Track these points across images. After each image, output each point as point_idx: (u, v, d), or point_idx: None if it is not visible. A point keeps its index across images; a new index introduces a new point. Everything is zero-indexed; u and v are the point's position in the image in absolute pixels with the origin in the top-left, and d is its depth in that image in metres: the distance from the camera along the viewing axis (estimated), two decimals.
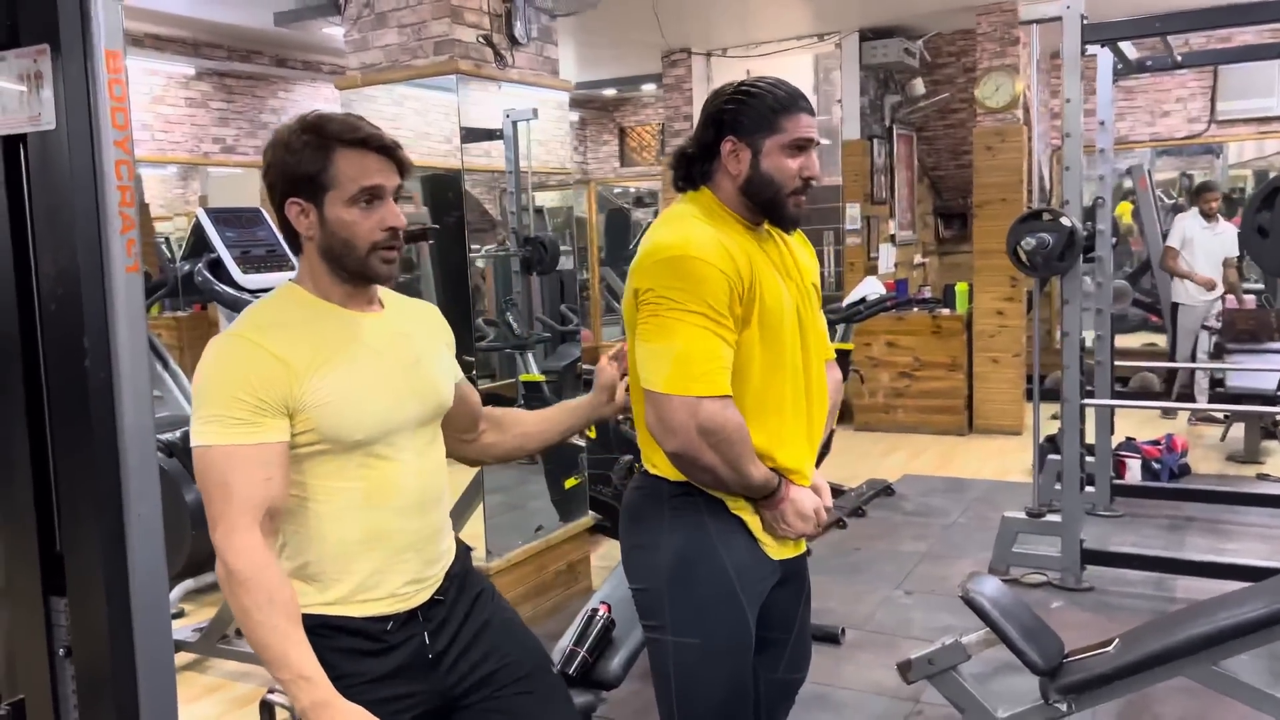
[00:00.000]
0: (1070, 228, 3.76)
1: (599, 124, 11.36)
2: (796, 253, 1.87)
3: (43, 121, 1.54)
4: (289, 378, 1.44)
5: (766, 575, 1.78)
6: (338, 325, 1.52)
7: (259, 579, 1.40)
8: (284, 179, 1.51)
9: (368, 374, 1.51)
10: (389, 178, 1.50)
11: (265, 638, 1.40)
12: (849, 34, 7.63)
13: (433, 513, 1.61)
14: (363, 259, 1.50)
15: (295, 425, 1.45)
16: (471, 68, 3.50)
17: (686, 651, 1.73)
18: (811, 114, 1.76)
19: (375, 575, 1.52)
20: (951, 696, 2.54)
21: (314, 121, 1.50)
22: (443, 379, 1.65)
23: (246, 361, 1.44)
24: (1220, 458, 6.20)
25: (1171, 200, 9.44)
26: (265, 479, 1.42)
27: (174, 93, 7.25)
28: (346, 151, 1.48)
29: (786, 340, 1.74)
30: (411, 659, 1.55)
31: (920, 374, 7.29)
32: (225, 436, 1.42)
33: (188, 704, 3.30)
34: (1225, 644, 2.25)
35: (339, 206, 1.48)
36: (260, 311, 1.54)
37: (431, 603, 1.59)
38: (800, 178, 1.73)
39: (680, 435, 1.63)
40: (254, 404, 1.42)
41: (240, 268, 5.45)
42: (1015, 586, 3.99)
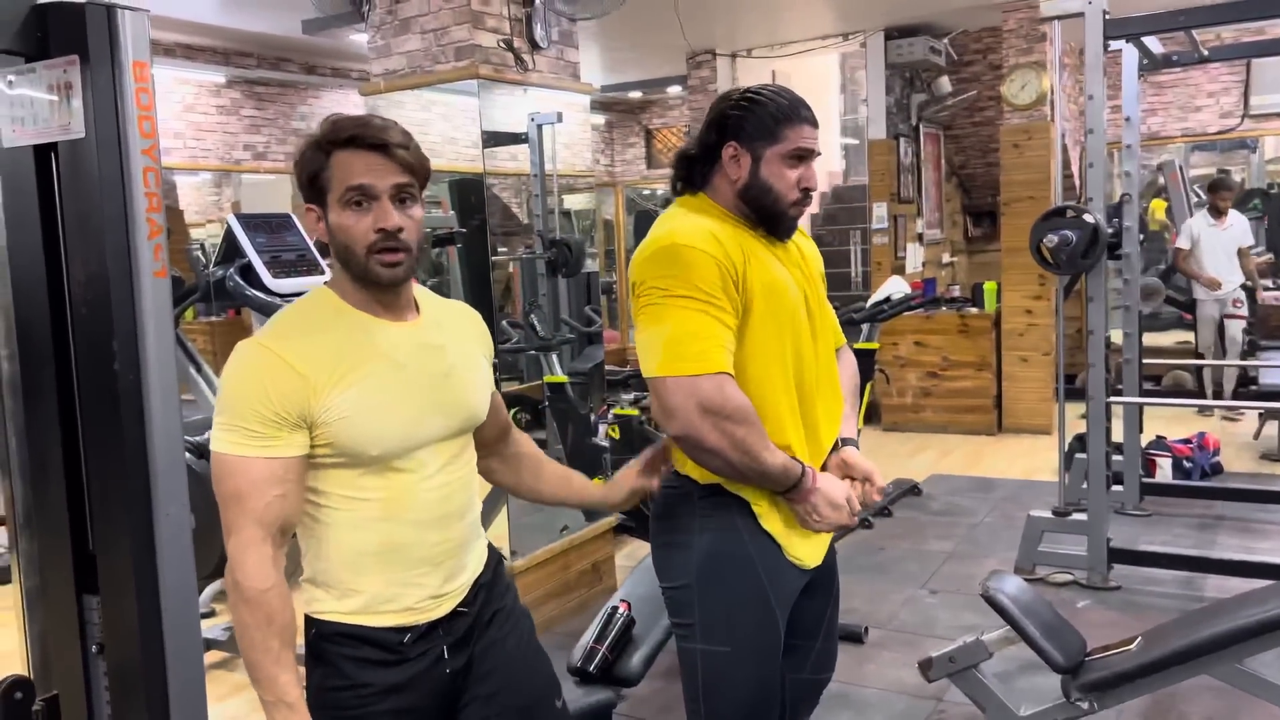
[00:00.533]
0: (1094, 225, 3.73)
1: (625, 126, 11.39)
2: (800, 245, 1.88)
3: (72, 130, 1.58)
4: (307, 392, 1.41)
5: (797, 578, 1.78)
6: (362, 335, 1.49)
7: (263, 599, 1.40)
8: (299, 185, 1.51)
9: (389, 388, 1.47)
10: (381, 177, 1.43)
11: (257, 657, 1.40)
12: (874, 33, 7.61)
13: (456, 525, 1.56)
14: (362, 263, 1.46)
15: (314, 438, 1.43)
16: (492, 72, 3.54)
17: (715, 651, 1.73)
18: (814, 125, 1.76)
19: (392, 587, 1.50)
20: (973, 695, 2.54)
21: (321, 124, 1.49)
22: (476, 393, 1.60)
23: (266, 373, 1.41)
24: (1253, 456, 6.11)
25: (1207, 196, 9.33)
26: (279, 495, 1.41)
27: (205, 101, 7.36)
28: (340, 152, 1.44)
29: (793, 328, 1.74)
30: (427, 671, 1.52)
31: (948, 373, 7.25)
32: (241, 447, 1.41)
33: (217, 702, 3.35)
34: (1249, 642, 2.24)
35: (335, 209, 1.46)
36: (287, 318, 1.52)
37: (454, 615, 1.56)
38: (799, 189, 1.74)
39: (680, 416, 1.62)
40: (271, 417, 1.40)
41: (271, 272, 5.52)
42: (1041, 585, 3.97)
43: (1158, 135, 8.91)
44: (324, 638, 1.49)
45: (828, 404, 1.83)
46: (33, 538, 1.76)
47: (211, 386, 6.07)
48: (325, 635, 1.49)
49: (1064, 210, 3.88)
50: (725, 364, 1.64)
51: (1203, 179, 9.42)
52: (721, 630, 1.72)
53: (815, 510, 1.71)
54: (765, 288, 1.70)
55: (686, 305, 1.63)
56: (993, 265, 8.22)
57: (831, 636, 1.94)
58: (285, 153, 7.95)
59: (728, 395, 1.62)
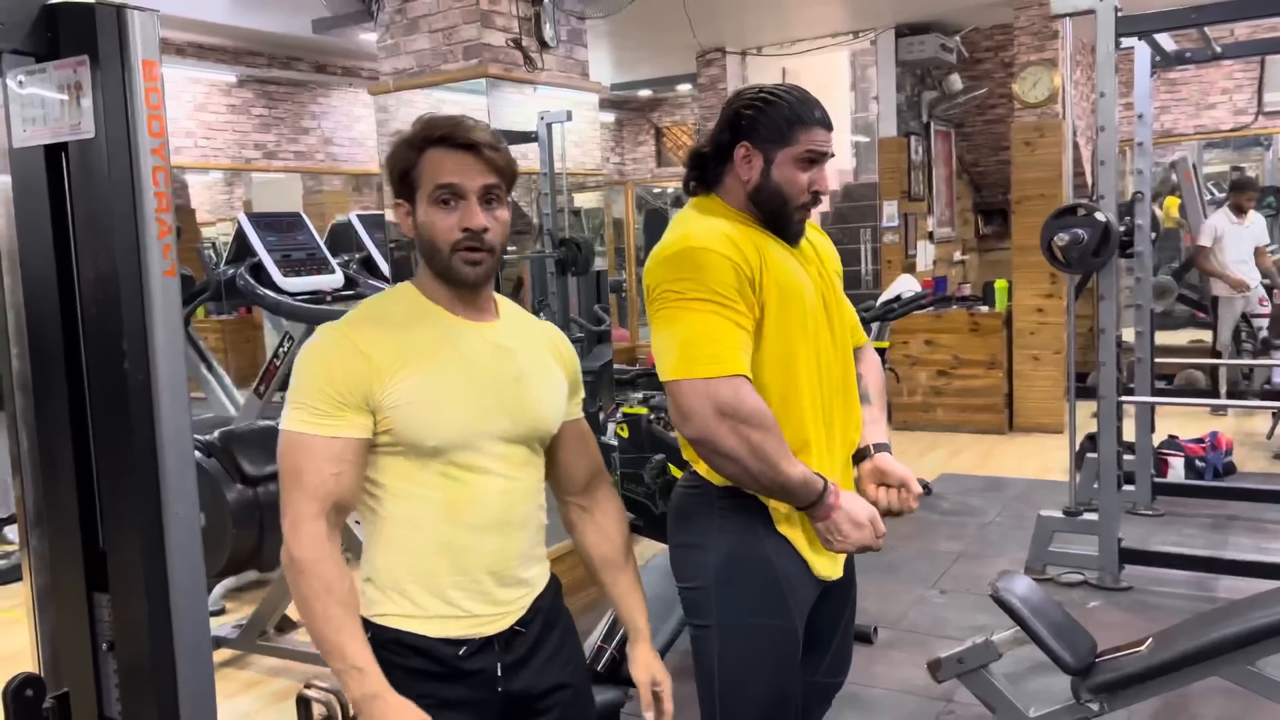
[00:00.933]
0: (1105, 222, 3.72)
1: (635, 125, 11.39)
2: (816, 242, 1.86)
3: (82, 130, 1.59)
4: (370, 375, 1.42)
5: (815, 583, 1.76)
6: (435, 329, 1.50)
7: (317, 569, 1.39)
8: (390, 181, 1.53)
9: (454, 381, 1.47)
10: (472, 177, 1.45)
11: (321, 627, 1.39)
12: (885, 30, 7.59)
13: (517, 535, 1.53)
14: (445, 260, 1.47)
15: (376, 424, 1.44)
16: (501, 71, 3.54)
17: (731, 653, 1.71)
18: (828, 128, 1.74)
19: (446, 590, 1.48)
20: (982, 695, 2.53)
21: (415, 122, 1.51)
22: (545, 403, 1.57)
23: (334, 355, 1.44)
24: (1267, 456, 6.08)
25: (1222, 194, 9.28)
26: (335, 473, 1.41)
27: (216, 100, 7.39)
28: (431, 150, 1.46)
29: (812, 328, 1.72)
30: (480, 689, 1.50)
31: (959, 372, 7.23)
32: (304, 425, 1.42)
33: (227, 699, 3.37)
34: (1261, 643, 2.22)
35: (423, 206, 1.47)
36: (365, 306, 1.55)
37: (511, 633, 1.52)
38: (809, 191, 1.73)
39: (696, 419, 1.60)
40: (335, 397, 1.41)
41: (281, 271, 5.56)
42: (1051, 586, 3.96)
43: (1171, 133, 8.86)
44: (378, 644, 1.46)
45: (848, 405, 1.80)
46: (43, 536, 1.77)
47: (222, 385, 6.11)
48: (380, 642, 1.46)
49: (1075, 208, 3.86)
50: (742, 366, 1.62)
51: (1216, 177, 9.37)
52: (738, 634, 1.71)
53: (837, 529, 1.65)
54: (782, 289, 1.68)
55: (702, 308, 1.61)
56: (1004, 263, 8.20)
57: (847, 641, 1.93)
58: (296, 151, 7.98)
59: (743, 398, 1.60)
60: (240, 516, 3.81)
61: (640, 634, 1.67)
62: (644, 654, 1.66)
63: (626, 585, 1.69)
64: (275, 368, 5.78)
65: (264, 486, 3.86)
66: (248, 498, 3.84)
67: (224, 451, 3.68)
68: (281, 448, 1.45)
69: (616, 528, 1.70)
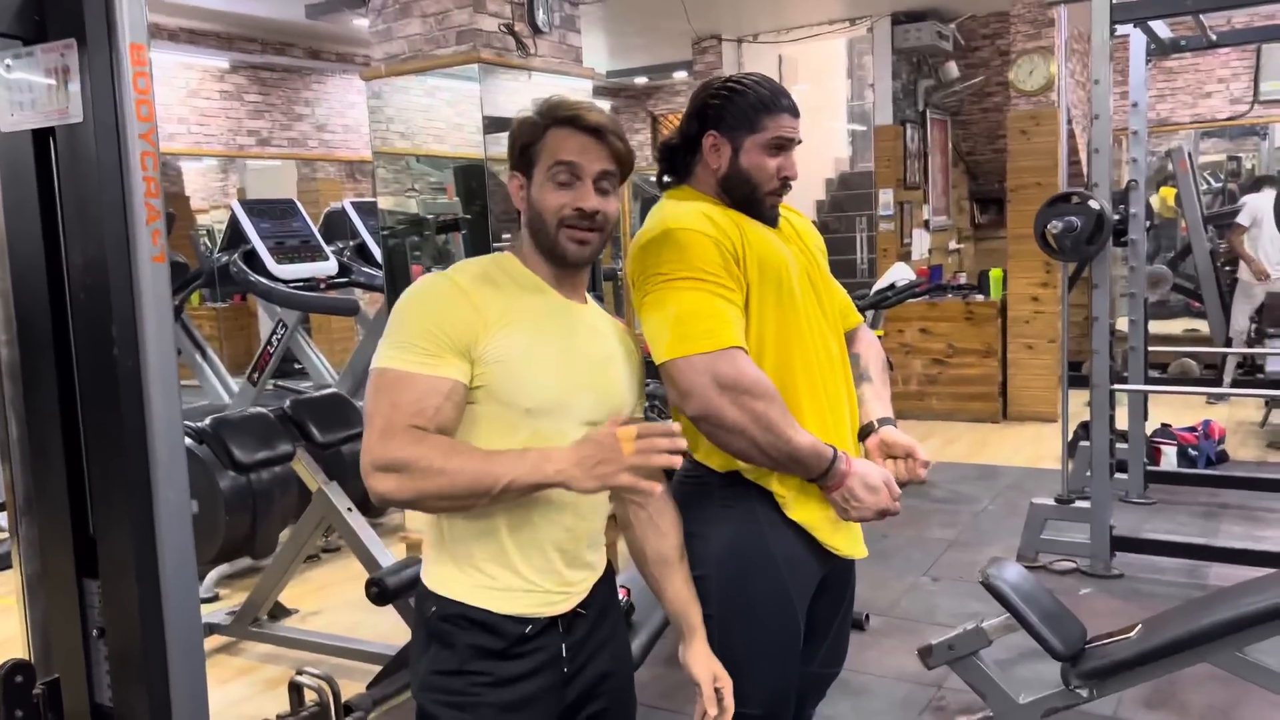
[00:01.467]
0: (1098, 211, 3.72)
1: (631, 112, 11.36)
2: (795, 223, 1.86)
3: (70, 115, 1.58)
4: (478, 325, 1.42)
5: (817, 571, 1.76)
6: (538, 298, 1.51)
7: (422, 457, 1.34)
8: (510, 153, 1.53)
9: (550, 348, 1.48)
10: (591, 160, 1.47)
11: (462, 484, 1.34)
12: (881, 18, 7.57)
13: (588, 518, 1.54)
14: (552, 236, 1.48)
15: (473, 378, 1.43)
16: (494, 56, 3.52)
17: (732, 642, 1.71)
18: (795, 114, 1.74)
19: (516, 564, 1.47)
20: (972, 682, 2.54)
21: (545, 101, 1.51)
22: (628, 390, 1.59)
23: (445, 299, 1.43)
24: (1260, 444, 6.10)
25: (1219, 183, 9.27)
26: (435, 407, 1.38)
27: (209, 86, 7.36)
28: (557, 129, 1.48)
29: (801, 303, 1.72)
30: (542, 669, 1.49)
31: (954, 361, 7.24)
32: (406, 363, 1.40)
33: (220, 685, 3.38)
34: (1250, 630, 2.23)
35: (539, 181, 1.49)
36: (471, 263, 1.55)
37: (574, 615, 1.53)
38: (778, 178, 1.73)
39: (697, 395, 1.58)
40: (442, 340, 1.40)
41: (275, 258, 5.55)
42: (1043, 573, 3.98)
43: (1167, 122, 8.86)
44: (444, 619, 1.46)
45: (842, 382, 1.79)
46: (33, 522, 1.76)
47: (217, 372, 6.10)
48: (446, 616, 1.46)
49: (1069, 196, 3.86)
50: (737, 339, 1.61)
51: (1212, 166, 9.37)
52: (740, 624, 1.70)
53: (853, 495, 1.64)
54: (764, 264, 1.68)
55: (689, 287, 1.61)
56: (1000, 252, 8.20)
57: (844, 632, 1.93)
58: (289, 138, 7.95)
59: (742, 369, 1.59)
60: (233, 503, 3.81)
61: (696, 632, 1.67)
62: (702, 651, 1.66)
63: (680, 584, 1.68)
64: (269, 355, 5.77)
65: (256, 473, 3.86)
66: (240, 485, 3.84)
67: (216, 439, 3.68)
68: (378, 385, 1.40)
69: (672, 525, 1.68)
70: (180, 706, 1.67)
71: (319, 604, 4.07)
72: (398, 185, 4.35)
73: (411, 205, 4.37)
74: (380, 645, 3.38)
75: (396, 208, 4.36)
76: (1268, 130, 9.04)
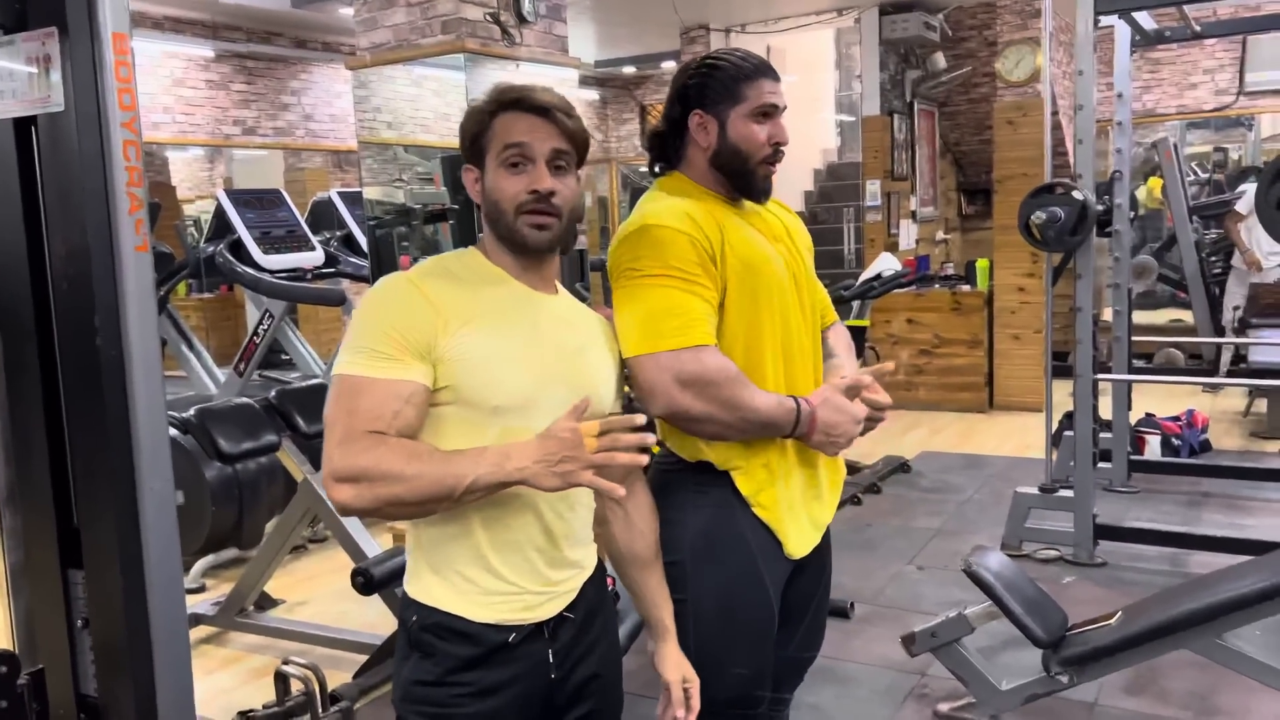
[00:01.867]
0: (1082, 201, 3.74)
1: (620, 103, 11.34)
2: (785, 219, 1.86)
3: (52, 104, 1.57)
4: (437, 324, 1.38)
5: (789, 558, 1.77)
6: (503, 291, 1.47)
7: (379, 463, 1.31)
8: (461, 147, 1.50)
9: (517, 342, 1.43)
10: (542, 140, 1.43)
11: (421, 488, 1.30)
12: (869, 8, 7.57)
13: (570, 514, 1.49)
14: (510, 223, 1.44)
15: (437, 379, 1.39)
16: (479, 46, 3.52)
17: (707, 627, 1.72)
18: (776, 79, 1.74)
19: (496, 566, 1.43)
20: (955, 669, 2.57)
21: (493, 88, 1.48)
22: (604, 381, 1.54)
23: (402, 300, 1.40)
24: (1243, 433, 6.15)
25: (1206, 174, 9.31)
26: (394, 412, 1.34)
27: (194, 75, 7.31)
28: (504, 114, 1.44)
29: (779, 302, 1.72)
30: (529, 675, 1.46)
31: (940, 351, 7.27)
32: (363, 368, 1.36)
33: (206, 675, 3.38)
34: (1227, 616, 2.26)
35: (491, 168, 1.45)
36: (434, 260, 1.51)
37: (560, 619, 1.48)
38: (769, 145, 1.73)
39: (659, 394, 1.59)
40: (400, 342, 1.36)
41: (261, 248, 5.53)
42: (1027, 562, 4.01)
43: (1153, 112, 8.89)
44: (425, 628, 1.43)
45: (816, 379, 1.81)
46: (16, 513, 1.76)
47: (203, 363, 6.08)
48: (426, 626, 1.43)
49: (1053, 187, 3.88)
50: (706, 336, 1.62)
51: (1199, 157, 9.41)
52: (714, 608, 1.71)
53: (829, 426, 1.66)
54: (745, 262, 1.69)
55: (662, 283, 1.62)
56: (987, 243, 8.23)
57: (820, 616, 1.94)
58: (275, 128, 7.92)
59: (705, 363, 1.60)
60: (219, 494, 3.81)
61: (668, 632, 1.64)
62: (673, 652, 1.63)
63: (655, 584, 1.65)
64: (255, 345, 5.76)
65: (242, 464, 3.85)
66: (226, 475, 3.83)
67: (202, 429, 3.67)
68: (336, 391, 1.38)
69: (649, 524, 1.66)
70: (165, 697, 1.68)
71: (305, 594, 4.07)
72: (385, 175, 4.34)
73: (398, 195, 4.36)
74: (366, 635, 3.39)
75: (383, 198, 4.35)
76: (1254, 121, 9.08)
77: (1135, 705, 2.87)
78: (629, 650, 2.49)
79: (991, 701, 2.58)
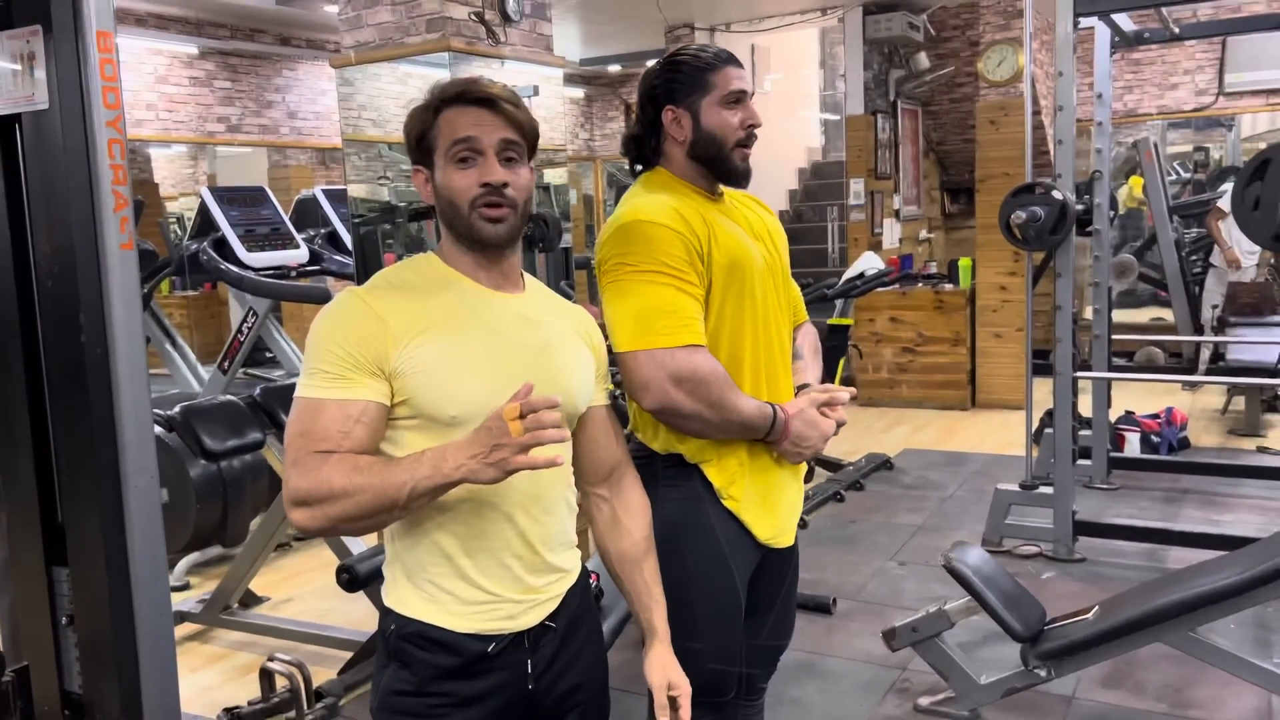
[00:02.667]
0: (1061, 201, 3.78)
1: (605, 100, 11.34)
2: (765, 218, 1.92)
3: (36, 101, 1.58)
4: (386, 338, 1.35)
5: (756, 547, 1.81)
6: (457, 297, 1.43)
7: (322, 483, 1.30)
8: (408, 148, 1.46)
9: (474, 349, 1.40)
10: (488, 131, 1.40)
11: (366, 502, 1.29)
12: (853, 8, 7.60)
13: (546, 518, 1.45)
14: (466, 219, 1.41)
15: (394, 394, 1.36)
16: (464, 45, 3.52)
17: (677, 614, 1.75)
18: (740, 67, 1.81)
19: (473, 575, 1.40)
20: (935, 663, 2.60)
21: (434, 85, 1.46)
22: (574, 376, 1.49)
23: (349, 317, 1.37)
24: (1221, 431, 6.21)
25: (1188, 174, 9.39)
26: (343, 432, 1.33)
27: (178, 72, 7.28)
28: (447, 110, 1.41)
29: (760, 299, 1.78)
30: (507, 686, 1.43)
31: (923, 349, 7.31)
32: (314, 390, 1.35)
33: (191, 673, 3.38)
34: (1200, 610, 2.30)
35: (441, 168, 1.42)
36: (386, 272, 1.48)
37: (542, 628, 1.45)
38: (743, 128, 1.78)
39: (654, 390, 1.64)
40: (347, 360, 1.34)
41: (245, 246, 5.51)
42: (1007, 558, 4.04)
43: (1134, 112, 8.96)
44: (403, 637, 1.41)
45: (786, 373, 1.86)
46: (1, 511, 1.77)
47: (187, 361, 6.06)
48: (404, 635, 1.41)
49: (1033, 187, 3.91)
50: (697, 336, 1.67)
51: (1180, 157, 9.49)
52: (681, 593, 1.73)
53: (800, 437, 1.75)
54: (731, 260, 1.73)
55: (653, 280, 1.65)
56: (970, 241, 8.27)
57: (789, 604, 1.97)
58: (259, 125, 7.88)
59: (697, 363, 1.66)
60: (203, 491, 3.81)
61: (658, 635, 1.59)
62: (661, 655, 1.59)
63: (644, 583, 1.61)
64: (239, 343, 5.74)
65: (227, 461, 3.85)
66: (211, 473, 3.83)
67: (186, 427, 3.67)
68: (292, 415, 1.37)
69: (639, 522, 1.62)
70: (150, 693, 1.69)
71: (290, 591, 4.07)
72: (369, 172, 4.34)
73: (383, 193, 4.36)
74: (351, 632, 3.40)
75: (368, 195, 4.35)
76: (1234, 121, 9.16)
77: (1112, 698, 2.91)
78: (613, 645, 2.51)
79: (971, 695, 2.61)
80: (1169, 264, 7.42)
